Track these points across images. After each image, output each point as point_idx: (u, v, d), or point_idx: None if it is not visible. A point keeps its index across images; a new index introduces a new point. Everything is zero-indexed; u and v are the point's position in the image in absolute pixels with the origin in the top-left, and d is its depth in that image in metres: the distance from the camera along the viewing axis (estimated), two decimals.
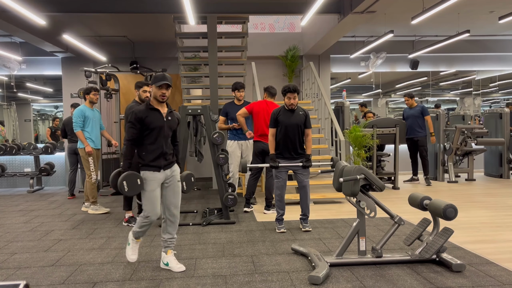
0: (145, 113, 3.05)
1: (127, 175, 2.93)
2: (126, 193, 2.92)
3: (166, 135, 3.11)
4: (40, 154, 7.68)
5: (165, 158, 3.11)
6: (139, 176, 2.97)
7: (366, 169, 3.17)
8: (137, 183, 2.95)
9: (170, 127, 3.16)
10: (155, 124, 3.04)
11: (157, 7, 6.24)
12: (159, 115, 3.08)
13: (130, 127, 3.03)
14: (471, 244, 3.77)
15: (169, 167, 3.16)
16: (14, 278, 3.11)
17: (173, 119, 3.18)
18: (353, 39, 9.20)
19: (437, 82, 11.27)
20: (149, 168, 3.06)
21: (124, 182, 2.90)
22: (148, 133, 3.04)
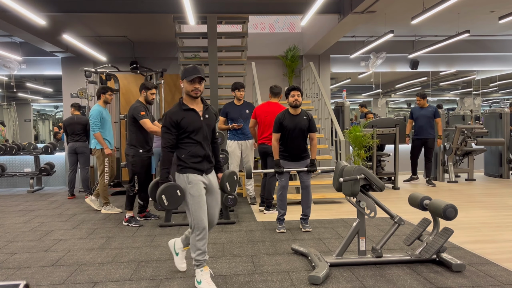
0: (180, 115, 2.74)
1: (165, 188, 2.64)
2: (166, 207, 2.65)
3: (206, 135, 2.82)
4: (40, 154, 7.68)
5: (208, 160, 2.84)
6: (178, 187, 2.69)
7: (366, 169, 3.17)
8: (177, 195, 2.66)
9: (209, 126, 2.86)
10: (193, 126, 2.75)
11: (157, 7, 6.24)
12: (195, 115, 2.78)
13: (165, 132, 2.74)
14: (471, 244, 3.77)
15: (210, 171, 2.87)
16: (14, 278, 3.11)
17: (211, 116, 2.89)
18: (353, 39, 9.20)
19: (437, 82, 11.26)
20: (192, 170, 2.76)
21: (163, 196, 2.63)
22: (187, 135, 2.75)
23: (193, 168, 2.75)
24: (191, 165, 2.74)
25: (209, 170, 2.85)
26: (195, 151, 2.76)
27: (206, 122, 2.82)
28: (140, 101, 4.72)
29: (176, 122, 2.72)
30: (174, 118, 2.72)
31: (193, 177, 2.73)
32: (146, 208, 5.00)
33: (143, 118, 4.55)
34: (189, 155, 2.75)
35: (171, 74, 8.55)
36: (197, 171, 2.76)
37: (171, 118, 2.72)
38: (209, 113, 2.87)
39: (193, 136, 2.75)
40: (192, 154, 2.75)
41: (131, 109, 4.62)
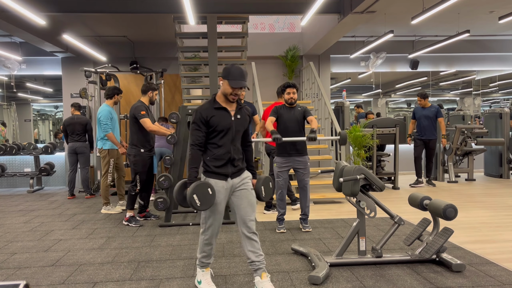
0: (210, 112, 2.59)
1: (195, 187, 2.45)
2: (199, 207, 2.45)
3: (234, 137, 2.64)
4: (40, 154, 7.68)
5: (233, 164, 2.64)
6: (209, 185, 2.50)
7: (366, 169, 3.17)
8: (209, 193, 2.48)
9: (240, 127, 2.67)
10: (222, 126, 2.59)
11: (157, 7, 6.24)
12: (226, 114, 2.62)
13: (195, 129, 2.59)
14: (471, 244, 3.77)
15: (237, 175, 2.67)
16: (14, 278, 3.11)
17: (243, 116, 2.70)
18: (353, 39, 9.20)
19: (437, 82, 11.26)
20: (214, 175, 2.60)
21: (195, 196, 2.43)
22: (214, 135, 2.60)
23: (215, 173, 2.60)
24: (213, 169, 2.60)
25: (236, 173, 2.66)
26: (220, 154, 2.60)
27: (237, 123, 2.65)
28: (141, 101, 4.73)
29: (205, 119, 2.57)
30: (204, 114, 2.58)
31: (214, 183, 2.58)
32: (146, 208, 5.00)
33: (143, 117, 4.56)
34: (213, 157, 2.60)
35: (171, 74, 8.55)
36: (220, 176, 2.61)
37: (201, 114, 2.58)
38: (242, 113, 2.69)
39: (221, 137, 2.60)
40: (216, 157, 2.60)
41: (132, 109, 4.62)
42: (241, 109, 2.70)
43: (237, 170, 2.66)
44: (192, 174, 2.57)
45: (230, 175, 2.63)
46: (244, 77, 2.55)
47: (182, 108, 4.89)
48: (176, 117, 4.83)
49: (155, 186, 6.54)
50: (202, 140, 2.60)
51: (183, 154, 4.92)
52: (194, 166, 2.58)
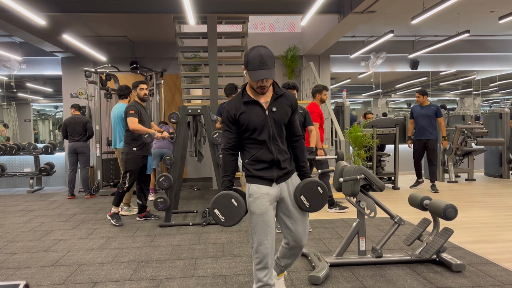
0: (238, 108, 2.16)
1: (216, 200, 2.10)
2: (224, 224, 2.10)
3: (274, 134, 2.17)
4: (40, 154, 7.68)
5: (279, 166, 2.19)
6: (232, 195, 2.10)
7: (366, 169, 3.17)
8: (233, 205, 2.09)
9: (279, 121, 2.17)
10: (255, 123, 2.14)
11: (157, 7, 6.24)
12: (258, 108, 2.15)
13: (224, 130, 2.22)
14: (471, 244, 3.77)
15: (284, 179, 2.22)
16: (14, 278, 3.11)
17: (282, 107, 2.18)
18: (353, 39, 9.20)
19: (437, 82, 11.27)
20: (256, 179, 2.19)
21: (216, 211, 2.09)
22: (249, 134, 2.17)
23: (257, 177, 2.18)
24: (254, 173, 2.18)
25: (283, 177, 2.21)
26: (259, 155, 2.17)
27: (274, 116, 2.16)
28: (136, 101, 4.79)
29: (233, 117, 2.16)
30: (232, 112, 2.16)
31: (255, 189, 2.16)
32: (145, 208, 5.01)
33: (131, 116, 4.62)
34: (252, 160, 2.18)
35: (171, 74, 8.55)
36: (263, 181, 2.17)
37: (228, 112, 2.18)
38: (279, 104, 2.19)
39: (257, 136, 2.15)
40: (256, 159, 2.17)
41: (125, 110, 4.76)
42: (278, 99, 2.19)
43: (284, 173, 2.21)
44: (223, 183, 2.20)
45: (275, 180, 2.19)
46: (263, 65, 2.04)
47: (182, 108, 4.89)
48: (176, 117, 4.83)
49: (155, 186, 6.54)
50: (233, 142, 2.19)
51: (183, 154, 4.92)
52: (226, 173, 2.20)
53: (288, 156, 2.24)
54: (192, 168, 8.62)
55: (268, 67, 2.05)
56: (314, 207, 2.18)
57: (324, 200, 2.19)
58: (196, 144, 5.36)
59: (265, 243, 2.13)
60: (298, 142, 2.30)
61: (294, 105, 2.25)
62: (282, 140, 2.21)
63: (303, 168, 2.29)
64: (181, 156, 4.90)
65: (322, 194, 2.19)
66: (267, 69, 2.04)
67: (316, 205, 2.19)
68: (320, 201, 2.19)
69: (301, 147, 2.30)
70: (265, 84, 2.10)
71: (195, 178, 8.66)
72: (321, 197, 2.19)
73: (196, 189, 7.50)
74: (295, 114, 2.26)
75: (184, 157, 4.95)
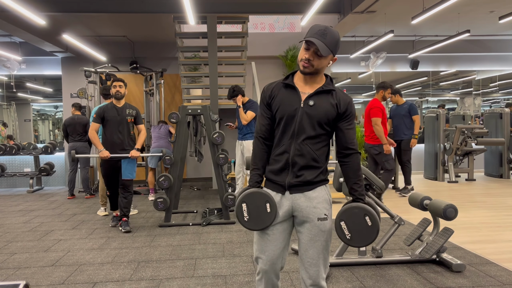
0: (276, 89, 1.84)
1: (249, 194, 1.77)
2: (245, 223, 1.77)
3: (299, 129, 1.77)
4: (40, 154, 7.68)
5: (294, 171, 1.78)
6: (269, 198, 1.76)
7: (366, 169, 3.16)
8: (265, 210, 1.75)
9: (313, 119, 1.76)
10: (283, 111, 1.79)
11: (157, 7, 6.24)
12: (294, 95, 1.79)
13: (260, 114, 1.89)
14: (471, 244, 3.77)
15: (302, 190, 1.78)
16: (14, 278, 3.11)
17: (323, 104, 1.76)
18: (353, 39, 9.20)
19: (437, 82, 11.27)
20: (268, 183, 1.87)
21: (244, 205, 1.76)
22: (277, 125, 1.84)
23: (269, 180, 1.85)
24: (268, 174, 1.86)
25: (299, 187, 1.78)
26: (278, 153, 1.82)
27: (308, 111, 1.75)
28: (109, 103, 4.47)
29: (267, 99, 1.85)
30: (268, 92, 1.85)
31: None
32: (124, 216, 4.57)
33: (93, 120, 4.38)
34: (272, 158, 1.85)
35: (171, 74, 8.55)
36: (274, 185, 1.83)
37: (264, 93, 1.87)
38: (320, 100, 1.76)
39: (281, 129, 1.81)
40: (274, 157, 1.84)
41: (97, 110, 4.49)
42: (323, 94, 1.78)
43: (299, 182, 1.77)
44: (252, 177, 1.85)
45: (287, 187, 1.79)
46: (322, 36, 1.69)
47: (182, 108, 4.88)
48: (176, 117, 4.82)
49: (155, 186, 6.53)
50: (265, 129, 1.85)
51: (183, 154, 4.92)
52: (255, 166, 1.85)
53: (315, 165, 1.77)
54: (192, 168, 8.62)
55: (325, 41, 1.68)
56: (356, 241, 1.71)
57: (373, 235, 1.70)
58: (196, 144, 5.36)
59: (262, 256, 1.85)
60: (349, 157, 1.80)
61: (344, 108, 1.77)
62: (311, 142, 1.76)
63: (355, 192, 1.78)
64: (181, 156, 4.90)
65: (371, 227, 1.69)
66: (323, 42, 1.68)
67: (360, 239, 1.71)
68: (367, 235, 1.70)
69: (353, 165, 1.79)
70: (311, 59, 1.72)
71: (195, 178, 8.66)
72: (369, 230, 1.70)
73: (196, 189, 7.49)
74: (347, 121, 1.78)
75: (184, 157, 4.94)
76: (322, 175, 1.81)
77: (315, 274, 1.77)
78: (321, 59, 1.72)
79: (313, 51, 1.71)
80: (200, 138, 5.39)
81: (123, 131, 4.41)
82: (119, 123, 4.38)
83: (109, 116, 4.34)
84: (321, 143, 1.79)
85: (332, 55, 1.74)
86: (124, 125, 4.41)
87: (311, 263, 1.78)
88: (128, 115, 4.43)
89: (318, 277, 1.77)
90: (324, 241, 1.77)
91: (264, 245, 1.83)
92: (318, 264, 1.77)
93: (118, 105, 4.41)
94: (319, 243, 1.77)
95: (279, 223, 1.80)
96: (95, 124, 4.36)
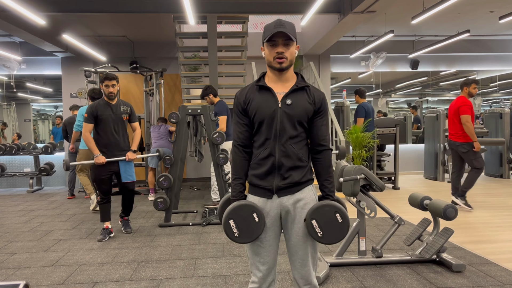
0: (250, 94, 1.79)
1: (234, 209, 1.73)
2: (237, 239, 1.74)
3: (281, 130, 1.74)
4: (39, 154, 7.68)
5: (281, 173, 1.76)
6: (255, 208, 1.73)
7: (366, 169, 3.16)
8: (253, 220, 1.73)
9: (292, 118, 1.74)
10: (262, 114, 1.75)
11: (157, 7, 6.24)
12: (270, 97, 1.76)
13: (235, 121, 1.84)
14: (471, 244, 3.76)
15: (290, 192, 1.77)
16: (14, 278, 3.11)
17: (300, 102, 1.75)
18: (353, 39, 9.20)
19: (437, 82, 11.26)
20: (253, 189, 1.82)
21: (231, 222, 1.73)
22: (257, 129, 1.79)
23: (255, 186, 1.80)
24: (252, 180, 1.81)
25: (287, 189, 1.76)
26: (261, 156, 1.77)
27: (287, 110, 1.73)
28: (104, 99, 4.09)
29: (242, 104, 1.79)
30: (241, 98, 1.79)
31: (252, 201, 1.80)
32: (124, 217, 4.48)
33: (84, 120, 3.99)
34: (254, 163, 1.80)
35: (171, 74, 8.55)
36: (260, 190, 1.79)
37: (238, 99, 1.81)
38: (297, 98, 1.75)
39: (263, 131, 1.76)
40: (257, 162, 1.79)
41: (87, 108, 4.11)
42: (299, 91, 1.77)
43: (288, 184, 1.75)
44: (234, 188, 1.81)
45: (275, 191, 1.77)
46: (280, 26, 1.68)
47: (182, 108, 4.88)
48: (176, 117, 4.83)
49: (155, 186, 6.53)
50: (244, 136, 1.80)
51: (183, 154, 4.92)
52: (237, 176, 1.81)
53: (301, 164, 1.76)
54: (192, 168, 8.62)
55: (286, 30, 1.67)
56: (328, 238, 1.72)
57: (344, 231, 1.74)
58: (196, 144, 5.36)
59: (259, 266, 1.80)
60: (322, 154, 1.80)
61: (319, 104, 1.77)
62: (294, 142, 1.75)
63: (325, 188, 1.80)
64: (181, 156, 4.90)
65: (342, 224, 1.73)
66: (282, 27, 1.67)
67: (332, 236, 1.73)
68: (338, 232, 1.73)
69: (325, 162, 1.80)
70: (283, 52, 1.69)
71: (195, 178, 8.66)
72: (340, 227, 1.73)
73: (196, 189, 7.49)
74: (320, 117, 1.79)
75: (184, 157, 4.94)
76: (309, 174, 1.81)
77: (307, 274, 1.80)
78: (290, 48, 1.71)
79: (281, 43, 1.70)
80: (200, 138, 5.39)
81: (119, 130, 4.08)
82: (114, 122, 4.04)
83: (103, 115, 3.99)
84: (303, 141, 1.79)
85: (295, 42, 1.74)
86: (119, 123, 4.09)
87: (302, 263, 1.79)
88: (123, 112, 4.11)
89: (310, 275, 1.81)
90: (312, 241, 1.79)
91: (260, 254, 1.79)
92: (308, 264, 1.80)
93: (111, 102, 4.06)
94: (308, 244, 1.78)
95: (269, 228, 1.79)
96: (88, 124, 3.96)
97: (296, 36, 1.73)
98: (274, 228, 1.80)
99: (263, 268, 1.80)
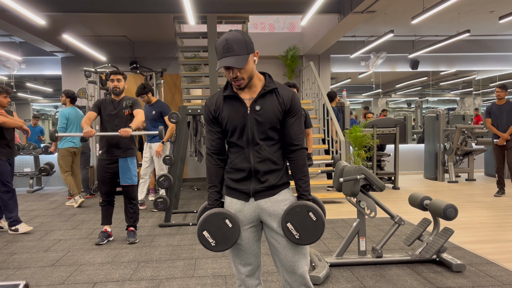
0: (219, 103, 1.79)
1: (206, 219, 1.72)
2: (214, 248, 1.74)
3: (253, 136, 1.75)
4: (39, 154, 7.67)
5: (258, 177, 1.76)
6: (226, 214, 1.72)
7: (366, 169, 3.16)
8: (227, 227, 1.72)
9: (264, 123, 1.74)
10: (233, 122, 1.75)
11: (157, 7, 6.24)
12: (238, 104, 1.75)
13: (207, 130, 1.86)
14: (471, 244, 3.77)
15: (266, 195, 1.77)
16: (14, 278, 3.11)
17: (269, 106, 1.74)
18: (353, 39, 9.20)
19: (437, 82, 11.26)
20: (230, 192, 1.82)
21: (205, 233, 1.73)
22: (230, 136, 1.80)
23: (232, 189, 1.81)
24: (229, 183, 1.81)
25: (264, 192, 1.77)
26: (237, 162, 1.78)
27: (257, 117, 1.73)
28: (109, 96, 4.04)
29: (213, 114, 1.79)
30: (211, 107, 1.79)
31: (227, 205, 1.82)
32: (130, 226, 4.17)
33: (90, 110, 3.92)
34: (230, 167, 1.81)
35: (171, 74, 8.55)
36: (238, 194, 1.79)
37: (208, 108, 1.81)
38: (265, 102, 1.74)
39: (236, 139, 1.78)
40: (233, 167, 1.80)
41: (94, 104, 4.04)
42: (267, 95, 1.75)
43: (264, 187, 1.76)
44: (210, 196, 1.81)
45: (251, 194, 1.77)
46: (229, 51, 1.65)
47: (182, 108, 4.88)
48: (176, 117, 4.83)
49: (155, 186, 6.53)
50: (216, 143, 1.81)
51: (183, 154, 4.92)
52: (212, 184, 1.82)
53: (276, 168, 1.77)
54: (192, 168, 8.62)
55: (235, 53, 1.64)
56: (306, 239, 1.70)
57: (320, 229, 1.71)
58: (196, 144, 5.36)
59: (240, 268, 1.82)
60: (295, 153, 1.78)
61: (288, 104, 1.75)
62: (267, 146, 1.76)
63: (299, 188, 1.79)
64: (181, 156, 4.90)
65: (316, 222, 1.71)
66: (233, 56, 1.64)
67: (308, 235, 1.70)
68: (314, 231, 1.71)
69: (299, 161, 1.79)
70: (238, 75, 1.67)
71: (195, 178, 8.66)
72: (315, 225, 1.71)
73: (196, 189, 7.49)
74: (291, 116, 1.76)
75: (184, 157, 4.94)
76: (285, 177, 1.81)
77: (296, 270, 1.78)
78: (245, 67, 1.67)
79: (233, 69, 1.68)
80: (200, 138, 5.38)
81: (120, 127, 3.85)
82: (115, 118, 3.89)
83: (105, 111, 3.89)
84: (277, 144, 1.79)
85: (251, 54, 1.70)
86: (121, 119, 3.90)
87: (293, 266, 1.76)
88: (125, 107, 3.94)
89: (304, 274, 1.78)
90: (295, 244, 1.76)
91: (240, 257, 1.80)
92: (299, 264, 1.77)
93: (116, 99, 3.96)
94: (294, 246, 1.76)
95: (246, 229, 1.78)
96: (90, 112, 3.85)
97: (251, 46, 1.69)
98: (251, 229, 1.79)
99: (244, 270, 1.81)
